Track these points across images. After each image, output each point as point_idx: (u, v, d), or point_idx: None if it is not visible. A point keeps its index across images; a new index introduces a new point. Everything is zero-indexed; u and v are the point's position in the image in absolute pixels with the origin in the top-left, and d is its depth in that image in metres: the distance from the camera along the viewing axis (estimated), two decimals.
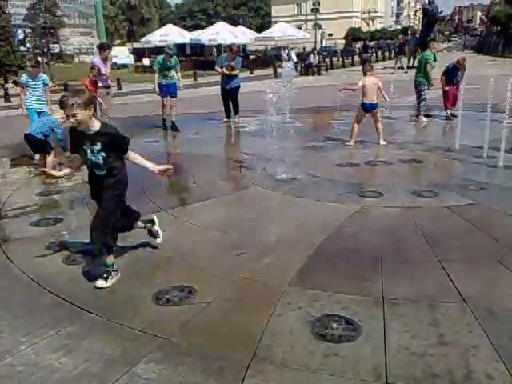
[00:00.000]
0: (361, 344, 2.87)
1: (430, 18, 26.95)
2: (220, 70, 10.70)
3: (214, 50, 35.60)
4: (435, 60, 10.34)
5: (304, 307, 3.26)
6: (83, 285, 3.73)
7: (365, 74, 8.26)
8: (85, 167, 3.73)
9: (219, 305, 3.36)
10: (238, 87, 10.96)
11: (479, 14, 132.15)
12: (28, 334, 3.08)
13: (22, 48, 35.03)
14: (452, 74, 10.19)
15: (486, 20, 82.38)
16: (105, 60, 9.21)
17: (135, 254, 4.29)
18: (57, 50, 28.19)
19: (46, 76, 8.59)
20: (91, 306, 3.37)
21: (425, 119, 10.38)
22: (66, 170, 4.02)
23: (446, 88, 10.27)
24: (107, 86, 9.45)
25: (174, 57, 10.31)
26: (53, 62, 25.51)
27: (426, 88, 10.23)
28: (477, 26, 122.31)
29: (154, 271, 3.93)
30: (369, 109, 8.02)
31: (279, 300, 3.36)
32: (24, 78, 8.29)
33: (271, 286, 3.58)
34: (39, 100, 8.25)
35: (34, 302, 3.51)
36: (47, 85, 8.42)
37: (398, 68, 24.73)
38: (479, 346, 2.81)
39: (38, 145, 7.06)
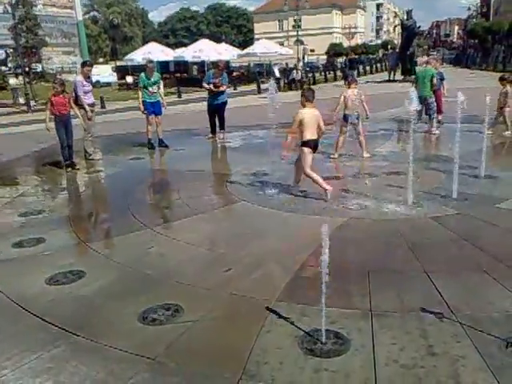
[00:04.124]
0: (350, 358, 2.86)
1: (409, 32, 27.62)
2: (207, 86, 10.75)
3: (195, 67, 35.49)
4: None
5: (293, 322, 3.23)
6: (67, 306, 3.66)
7: (349, 87, 8.38)
8: None
9: (206, 322, 3.32)
10: (225, 103, 11.01)
11: (456, 28, 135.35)
12: (10, 358, 2.99)
13: (3, 68, 34.85)
14: None
15: (463, 34, 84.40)
16: (88, 78, 9.22)
17: (120, 272, 4.23)
18: (39, 70, 27.96)
19: None
20: (75, 327, 3.30)
21: (437, 131, 10.42)
22: None
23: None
24: (92, 104, 9.41)
25: (156, 72, 10.30)
26: (35, 82, 25.20)
27: (433, 100, 10.36)
28: (455, 39, 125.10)
29: (139, 290, 3.85)
30: (349, 120, 8.11)
31: (267, 316, 3.32)
32: None
33: (259, 301, 3.55)
34: None
35: (16, 324, 3.42)
36: None
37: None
38: (467, 356, 2.82)
39: None
